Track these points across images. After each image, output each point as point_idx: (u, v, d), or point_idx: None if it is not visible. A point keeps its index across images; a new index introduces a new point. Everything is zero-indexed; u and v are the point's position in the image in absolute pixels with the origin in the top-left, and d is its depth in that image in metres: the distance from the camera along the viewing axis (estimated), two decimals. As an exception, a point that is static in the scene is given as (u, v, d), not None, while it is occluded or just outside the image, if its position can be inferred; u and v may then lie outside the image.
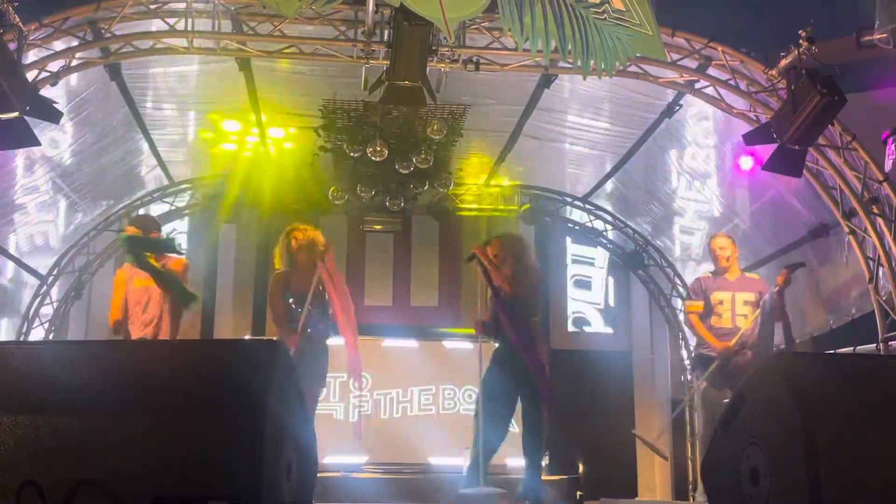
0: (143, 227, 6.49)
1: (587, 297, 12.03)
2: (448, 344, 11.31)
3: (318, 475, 3.52)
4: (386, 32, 6.82)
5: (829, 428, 2.94)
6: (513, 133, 9.80)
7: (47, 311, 10.39)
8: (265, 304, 11.07)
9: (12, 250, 9.37)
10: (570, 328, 11.84)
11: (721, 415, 3.59)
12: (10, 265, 9.49)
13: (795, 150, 6.72)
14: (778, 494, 3.06)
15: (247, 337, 10.94)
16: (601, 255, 12.15)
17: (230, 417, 2.77)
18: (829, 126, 6.88)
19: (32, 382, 2.99)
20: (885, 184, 6.99)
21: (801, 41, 6.50)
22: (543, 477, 10.44)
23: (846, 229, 7.49)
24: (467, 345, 11.37)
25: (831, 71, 6.41)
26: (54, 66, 6.84)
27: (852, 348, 7.82)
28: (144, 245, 6.26)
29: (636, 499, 8.43)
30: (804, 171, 7.08)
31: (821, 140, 7.01)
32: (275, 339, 6.53)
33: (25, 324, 10.03)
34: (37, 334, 10.08)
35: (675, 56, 7.29)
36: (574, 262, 12.11)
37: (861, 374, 3.38)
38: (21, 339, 9.70)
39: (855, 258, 7.54)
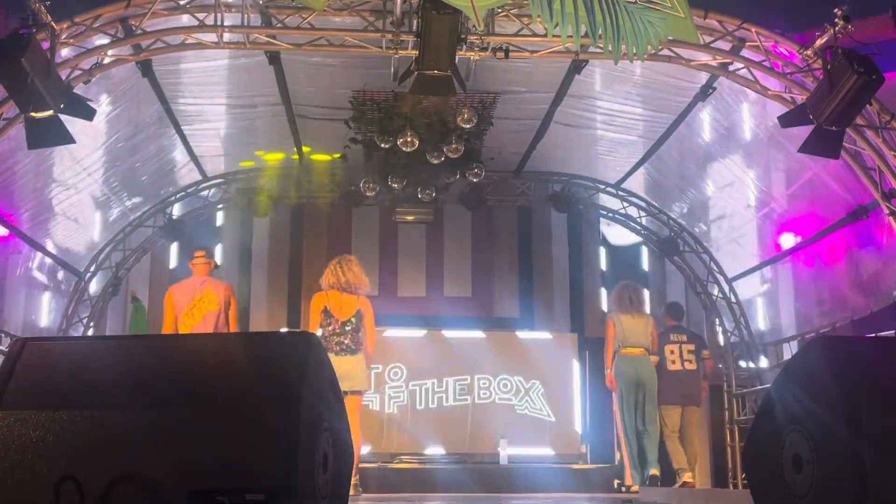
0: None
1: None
2: (483, 334, 11.28)
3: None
4: (414, 22, 6.80)
5: (874, 412, 2.87)
6: (544, 120, 9.73)
7: (85, 306, 10.53)
8: (300, 297, 11.21)
9: (50, 247, 9.48)
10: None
11: (762, 400, 3.53)
12: (49, 262, 9.61)
13: (833, 131, 6.60)
14: (822, 481, 3.01)
15: (283, 329, 10.97)
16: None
17: (266, 410, 2.77)
18: (867, 106, 6.75)
19: (71, 377, 3.01)
20: (926, 163, 6.87)
21: (836, 20, 6.37)
22: (582, 466, 10.48)
23: (886, 210, 7.34)
24: (502, 334, 11.36)
25: (868, 49, 6.29)
26: (87, 63, 6.90)
27: (894, 332, 7.68)
28: None
29: (674, 487, 8.35)
30: (842, 153, 6.96)
31: (859, 120, 6.87)
32: (309, 331, 6.57)
33: (64, 320, 10.17)
34: (75, 330, 10.21)
35: (708, 38, 7.18)
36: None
37: (906, 358, 3.30)
38: (60, 335, 9.82)
39: (895, 240, 7.42)
